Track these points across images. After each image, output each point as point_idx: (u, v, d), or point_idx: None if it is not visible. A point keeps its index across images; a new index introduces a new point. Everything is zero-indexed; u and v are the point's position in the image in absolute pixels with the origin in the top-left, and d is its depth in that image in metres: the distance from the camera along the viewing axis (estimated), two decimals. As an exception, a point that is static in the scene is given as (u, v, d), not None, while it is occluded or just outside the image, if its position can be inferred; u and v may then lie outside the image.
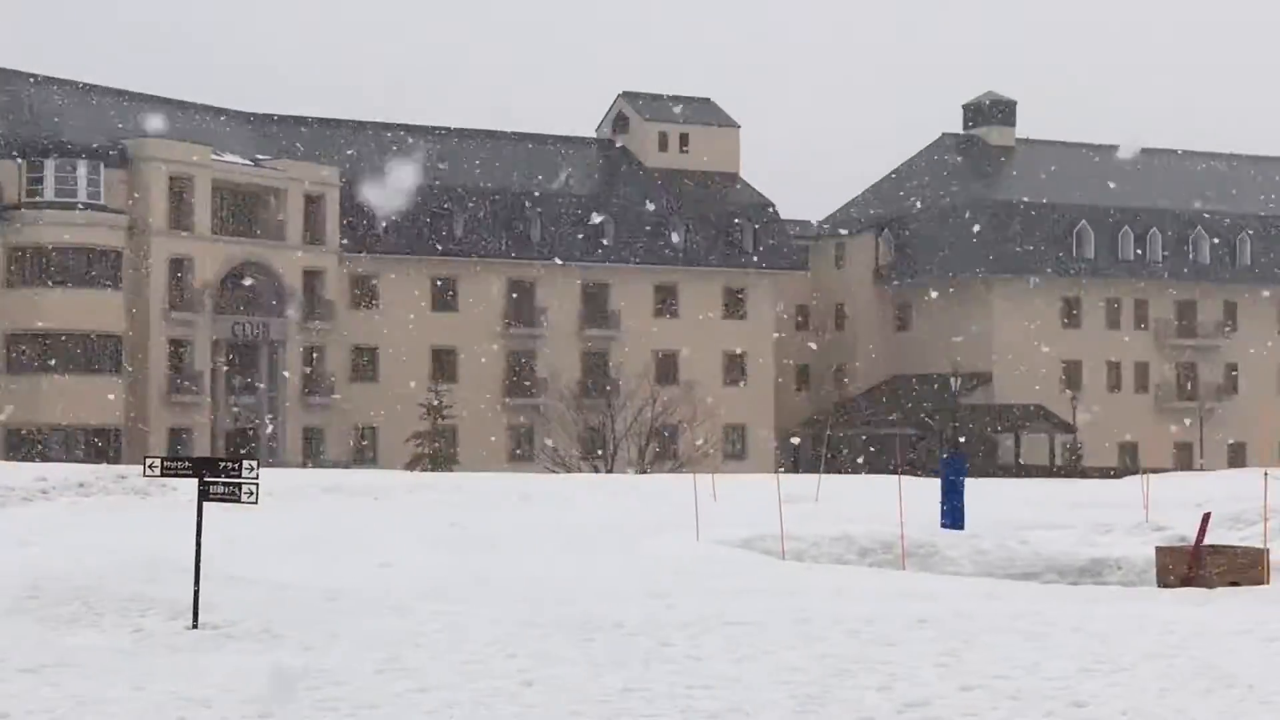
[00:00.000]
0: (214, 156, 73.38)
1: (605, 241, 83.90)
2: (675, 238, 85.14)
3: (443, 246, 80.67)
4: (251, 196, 75.12)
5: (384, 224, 79.57)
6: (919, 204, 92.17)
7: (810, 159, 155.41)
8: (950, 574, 24.13)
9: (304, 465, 68.95)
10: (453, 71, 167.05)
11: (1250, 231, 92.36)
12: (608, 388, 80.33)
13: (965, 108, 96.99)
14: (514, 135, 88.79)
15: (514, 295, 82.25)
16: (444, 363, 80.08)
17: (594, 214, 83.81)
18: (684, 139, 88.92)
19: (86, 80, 76.93)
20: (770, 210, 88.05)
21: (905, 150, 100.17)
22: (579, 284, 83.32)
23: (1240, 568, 22.26)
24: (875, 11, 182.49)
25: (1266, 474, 27.64)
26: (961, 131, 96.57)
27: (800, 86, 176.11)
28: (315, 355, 76.51)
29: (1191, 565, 22.56)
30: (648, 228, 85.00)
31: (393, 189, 79.81)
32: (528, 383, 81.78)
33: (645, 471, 71.08)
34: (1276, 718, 9.68)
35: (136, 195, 70.64)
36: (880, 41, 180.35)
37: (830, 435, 77.40)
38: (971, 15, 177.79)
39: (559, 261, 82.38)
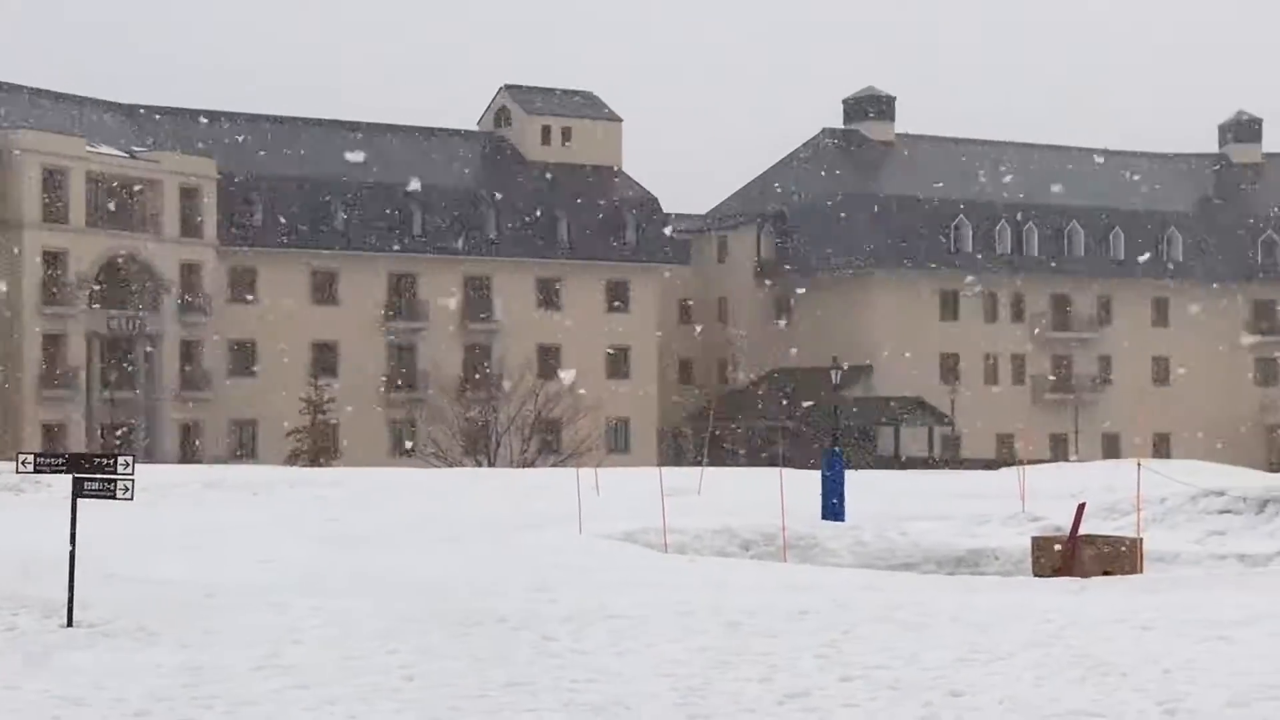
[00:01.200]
0: (89, 148, 72.25)
1: (488, 235, 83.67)
2: (558, 231, 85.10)
3: (323, 239, 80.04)
4: (127, 189, 74.02)
5: (263, 216, 78.79)
6: (800, 198, 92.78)
7: (693, 153, 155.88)
8: (831, 565, 24.31)
9: (182, 461, 68.12)
10: (335, 64, 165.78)
11: (1123, 225, 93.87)
12: (490, 381, 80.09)
13: (845, 103, 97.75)
14: (396, 128, 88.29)
15: (395, 288, 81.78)
16: (324, 357, 79.47)
17: (476, 207, 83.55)
18: (566, 133, 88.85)
19: (-44, 71, 75.48)
20: (653, 204, 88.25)
21: (787, 145, 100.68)
22: (461, 277, 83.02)
23: (1114, 557, 22.63)
24: (757, 6, 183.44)
25: (1140, 464, 28.08)
26: (842, 126, 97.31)
27: (682, 81, 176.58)
28: (193, 349, 75.63)
29: (1067, 555, 22.90)
30: (530, 221, 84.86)
31: (272, 181, 79.05)
32: (409, 377, 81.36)
33: (528, 465, 70.98)
34: (1149, 704, 9.83)
35: (9, 188, 69.39)
36: (762, 36, 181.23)
37: (712, 428, 77.72)
38: (852, 10, 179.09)
39: (441, 255, 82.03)
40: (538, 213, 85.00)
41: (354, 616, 14.51)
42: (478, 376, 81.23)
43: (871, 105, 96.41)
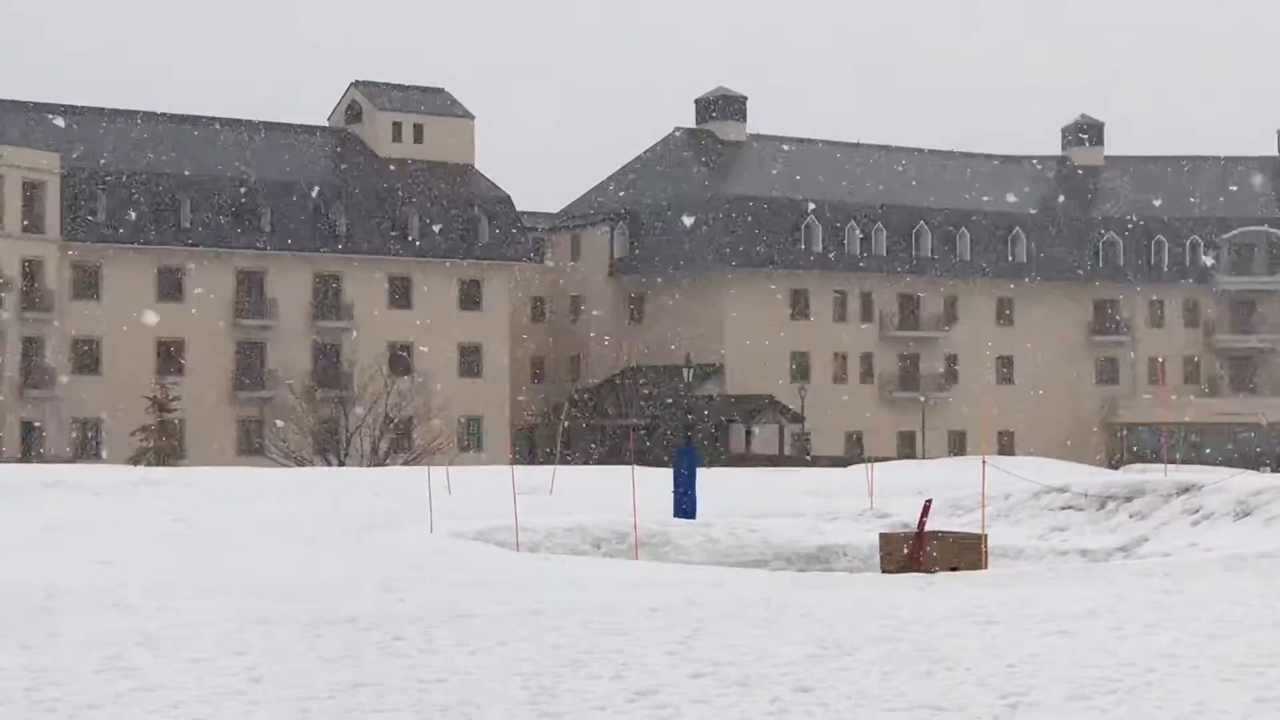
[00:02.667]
0: (-74, 141, 70.57)
1: (338, 232, 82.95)
2: (410, 229, 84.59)
3: (170, 236, 78.82)
4: (-34, 183, 72.36)
5: (108, 213, 77.42)
6: (653, 197, 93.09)
7: (546, 151, 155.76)
8: (682, 563, 24.41)
9: (23, 460, 66.70)
10: (183, 59, 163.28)
11: (969, 226, 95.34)
12: (341, 380, 79.42)
13: (698, 102, 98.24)
14: (244, 123, 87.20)
15: (244, 286, 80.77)
16: (170, 354, 78.29)
17: (327, 204, 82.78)
18: (418, 130, 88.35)
19: None
20: (506, 202, 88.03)
21: (640, 144, 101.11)
22: (311, 275, 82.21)
23: (960, 552, 22.97)
24: (612, 6, 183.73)
25: (985, 461, 28.52)
26: (695, 126, 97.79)
27: (536, 79, 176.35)
28: (35, 347, 74.11)
29: (914, 551, 23.21)
30: (382, 218, 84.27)
31: (117, 176, 77.67)
32: (258, 375, 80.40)
33: (380, 464, 70.51)
34: (993, 698, 9.99)
35: None
36: (616, 36, 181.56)
37: (565, 427, 77.73)
38: (706, 11, 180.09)
39: (290, 252, 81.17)
40: (389, 210, 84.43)
41: (201, 618, 14.30)
42: (327, 375, 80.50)
43: (723, 105, 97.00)
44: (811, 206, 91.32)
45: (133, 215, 77.82)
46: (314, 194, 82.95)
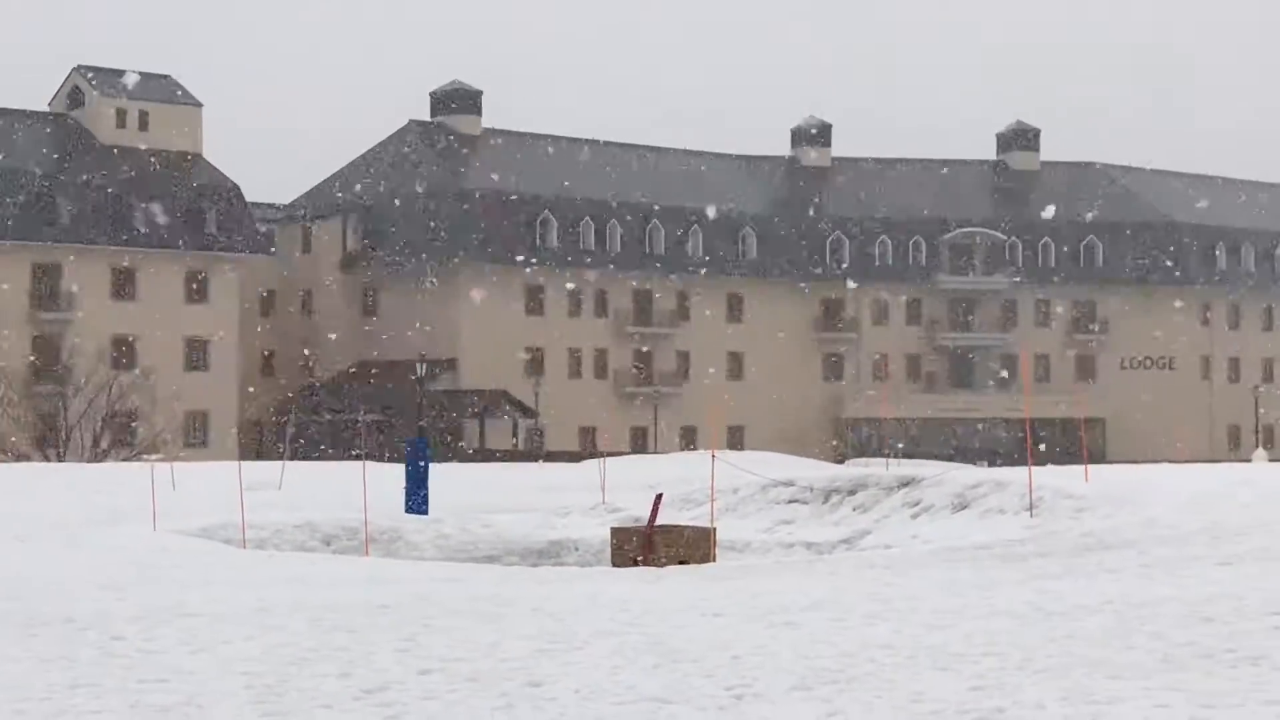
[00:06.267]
0: None
1: (58, 221, 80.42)
2: (134, 219, 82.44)
3: (-122, 222, 75.58)
4: None
5: None
6: (387, 190, 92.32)
7: (278, 142, 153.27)
8: (413, 559, 24.26)
9: None
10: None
11: (702, 224, 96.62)
12: (61, 373, 77.05)
13: (433, 95, 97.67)
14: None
15: (-42, 275, 77.86)
16: (-121, 346, 75.07)
17: (46, 192, 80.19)
18: (144, 117, 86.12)
19: None
20: (235, 192, 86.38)
21: (374, 136, 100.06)
22: (30, 265, 79.60)
23: (689, 546, 23.26)
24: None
25: (714, 456, 28.94)
26: (429, 119, 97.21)
27: (267, 68, 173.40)
28: None
29: (644, 545, 23.43)
30: (105, 208, 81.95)
31: None
32: (-27, 368, 77.56)
33: (100, 460, 68.66)
34: (719, 689, 10.12)
35: None
36: (351, 26, 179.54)
37: (295, 422, 76.62)
38: (442, 4, 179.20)
39: (8, 241, 78.50)
40: (112, 199, 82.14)
41: (-94, 621, 13.72)
42: (46, 368, 78.01)
43: (458, 99, 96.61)
44: (547, 202, 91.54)
45: None
46: (33, 182, 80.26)
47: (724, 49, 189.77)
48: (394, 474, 32.49)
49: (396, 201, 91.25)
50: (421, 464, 29.91)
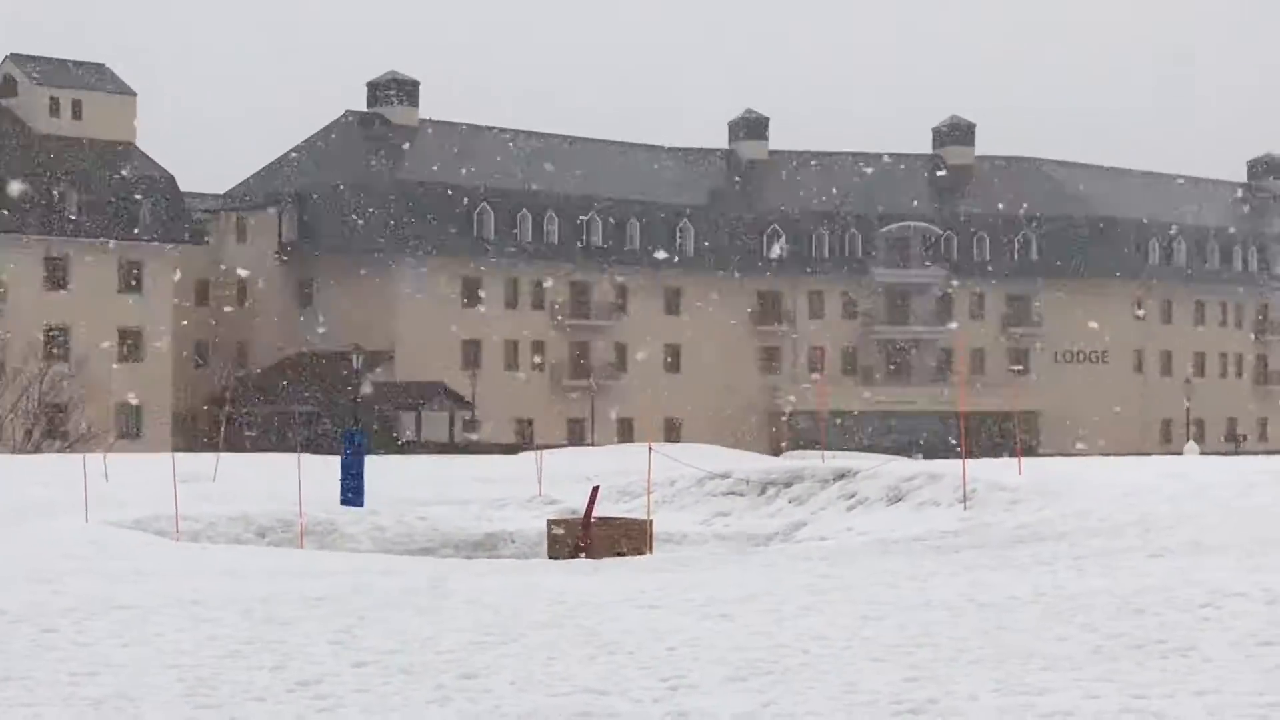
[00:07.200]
0: None
1: (-10, 210, 79.59)
2: (67, 208, 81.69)
3: None
4: None
5: None
6: (323, 181, 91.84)
7: (212, 131, 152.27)
8: (349, 551, 24.19)
9: None
10: None
11: (639, 217, 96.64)
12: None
13: (369, 85, 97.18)
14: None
15: (-113, 264, 76.92)
16: None
17: (-22, 180, 79.33)
18: (77, 105, 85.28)
19: None
20: (169, 182, 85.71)
21: (310, 125, 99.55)
22: (-39, 254, 78.75)
23: (626, 538, 23.31)
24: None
25: (651, 448, 28.98)
26: (366, 109, 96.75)
27: (202, 57, 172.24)
28: None
29: (581, 537, 23.44)
30: (37, 197, 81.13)
31: None
32: (-98, 358, 76.66)
33: (33, 452, 68.06)
34: (654, 681, 10.14)
35: None
36: (286, 14, 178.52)
37: (229, 413, 76.16)
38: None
39: (-62, 230, 77.61)
40: (45, 188, 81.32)
41: None
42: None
43: (395, 89, 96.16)
44: (484, 194, 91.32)
45: None
46: (-36, 169, 79.37)
47: (662, 42, 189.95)
48: (329, 466, 32.34)
49: (333, 192, 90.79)
50: (357, 456, 29.81)
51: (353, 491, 29.42)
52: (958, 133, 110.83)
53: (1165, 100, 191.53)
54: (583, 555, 22.44)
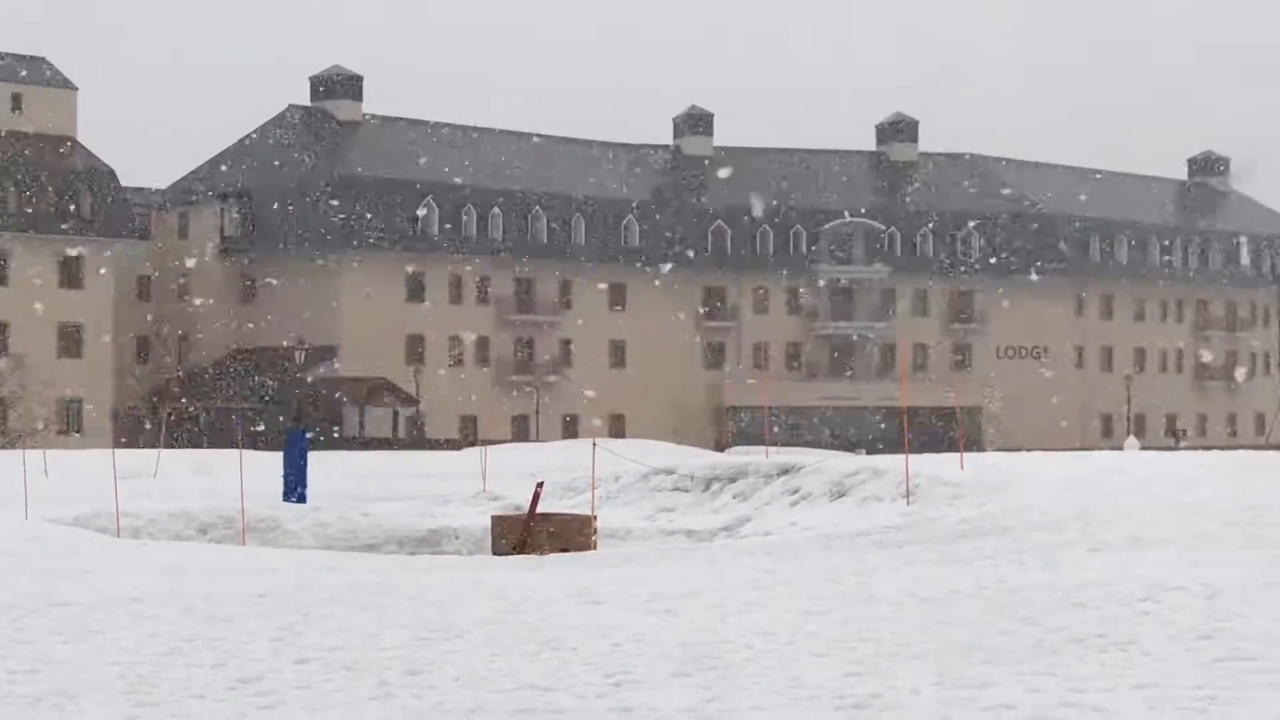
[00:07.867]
0: None
1: (-72, 204, 78.83)
2: (6, 203, 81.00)
3: None
4: None
5: None
6: (266, 175, 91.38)
7: (154, 125, 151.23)
8: (292, 548, 24.09)
9: None
10: None
11: (583, 212, 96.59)
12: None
13: (313, 80, 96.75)
14: None
15: None
16: None
17: (-85, 174, 78.56)
18: (16, 99, 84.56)
19: None
20: (110, 176, 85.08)
21: (254, 120, 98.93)
22: (-102, 249, 77.95)
23: (570, 534, 23.29)
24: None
25: (596, 444, 28.98)
26: (310, 104, 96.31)
27: (145, 50, 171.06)
28: None
29: (525, 533, 23.41)
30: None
31: None
32: None
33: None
34: (598, 677, 10.14)
35: None
36: (228, 7, 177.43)
37: (171, 409, 75.69)
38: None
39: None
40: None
41: None
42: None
43: (339, 84, 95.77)
44: (428, 189, 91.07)
45: None
46: (-98, 163, 78.59)
47: (608, 38, 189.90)
48: (272, 462, 32.22)
49: (276, 187, 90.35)
50: (300, 452, 29.70)
51: (296, 488, 29.32)
52: (901, 129, 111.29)
53: (1107, 98, 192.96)
54: (526, 551, 22.42)
